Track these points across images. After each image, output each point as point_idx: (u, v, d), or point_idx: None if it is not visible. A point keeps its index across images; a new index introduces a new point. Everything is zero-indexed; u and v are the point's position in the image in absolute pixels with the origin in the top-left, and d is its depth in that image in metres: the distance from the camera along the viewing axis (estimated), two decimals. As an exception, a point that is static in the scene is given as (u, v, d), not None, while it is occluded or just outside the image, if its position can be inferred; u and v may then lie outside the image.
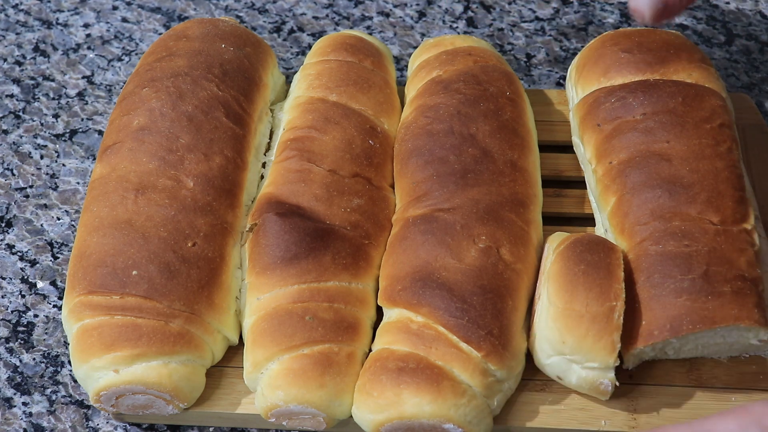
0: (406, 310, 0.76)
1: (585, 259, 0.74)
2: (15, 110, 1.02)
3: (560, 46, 1.07)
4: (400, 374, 0.73)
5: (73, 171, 0.97)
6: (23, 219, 0.93)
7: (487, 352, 0.73)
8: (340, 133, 0.85)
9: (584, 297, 0.73)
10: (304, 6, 1.12)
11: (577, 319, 0.72)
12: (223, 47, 0.90)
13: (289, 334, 0.75)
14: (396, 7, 1.12)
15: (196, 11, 1.11)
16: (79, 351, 0.76)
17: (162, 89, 0.85)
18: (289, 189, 0.82)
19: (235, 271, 0.81)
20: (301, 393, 0.74)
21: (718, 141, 0.81)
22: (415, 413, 0.72)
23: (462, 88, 0.87)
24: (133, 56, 1.07)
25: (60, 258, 0.90)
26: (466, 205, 0.79)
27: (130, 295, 0.76)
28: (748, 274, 0.75)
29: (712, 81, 0.87)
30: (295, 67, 1.06)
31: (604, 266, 0.74)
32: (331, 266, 0.78)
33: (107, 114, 1.01)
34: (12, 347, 0.84)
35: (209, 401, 0.79)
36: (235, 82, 0.88)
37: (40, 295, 0.88)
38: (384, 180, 0.86)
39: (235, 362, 0.80)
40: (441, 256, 0.77)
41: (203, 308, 0.77)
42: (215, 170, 0.82)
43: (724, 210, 0.77)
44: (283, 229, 0.79)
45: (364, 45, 0.94)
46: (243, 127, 0.86)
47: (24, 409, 0.81)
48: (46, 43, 1.08)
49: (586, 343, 0.72)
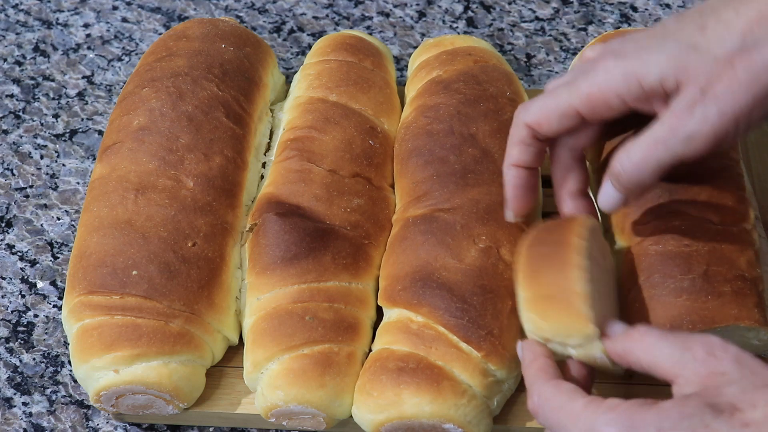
0: (406, 310, 0.76)
1: (544, 240, 0.72)
2: (15, 110, 1.02)
3: (560, 46, 1.07)
4: (400, 374, 0.73)
5: (73, 171, 0.97)
6: (23, 219, 0.93)
7: (488, 352, 0.73)
8: (340, 133, 0.85)
9: (547, 278, 0.69)
10: (304, 6, 1.12)
11: (546, 301, 0.69)
12: (223, 47, 0.90)
13: (289, 334, 0.75)
14: (396, 7, 1.12)
15: (196, 11, 1.11)
16: (79, 351, 0.76)
17: (162, 89, 0.85)
18: (289, 189, 0.82)
19: (235, 271, 0.81)
20: (301, 393, 0.74)
21: (718, 141, 0.81)
22: (415, 413, 0.72)
23: (462, 88, 0.87)
24: (133, 56, 1.07)
25: (60, 258, 0.90)
26: (467, 205, 0.79)
27: (130, 295, 0.76)
28: (748, 274, 0.75)
29: (712, 81, 0.87)
30: (295, 67, 1.06)
31: (562, 242, 0.70)
32: (331, 266, 0.78)
33: (107, 114, 1.01)
34: (12, 347, 0.84)
35: (209, 401, 0.79)
36: (235, 82, 0.88)
37: (40, 295, 0.88)
38: (384, 180, 0.86)
39: (235, 362, 0.80)
40: (441, 256, 0.77)
41: (203, 308, 0.77)
42: (215, 170, 0.82)
43: (724, 210, 0.77)
44: (283, 229, 0.79)
45: (364, 45, 0.94)
46: (243, 127, 0.86)
47: (24, 409, 0.81)
48: (46, 43, 1.08)
49: (560, 321, 0.68)
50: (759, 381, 0.57)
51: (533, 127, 0.71)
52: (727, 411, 0.56)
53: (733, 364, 0.58)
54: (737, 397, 0.56)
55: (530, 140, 0.72)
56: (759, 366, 0.58)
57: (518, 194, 0.74)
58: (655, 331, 0.63)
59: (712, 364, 0.59)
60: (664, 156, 0.65)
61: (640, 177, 0.67)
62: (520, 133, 0.72)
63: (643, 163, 0.66)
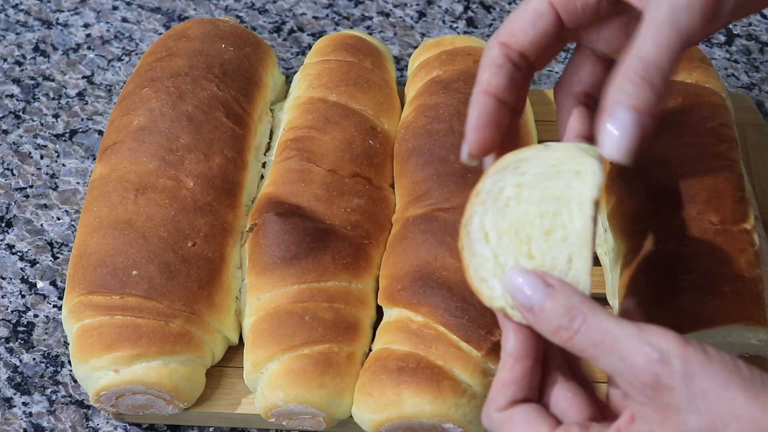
0: (406, 309, 0.76)
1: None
2: (15, 110, 1.02)
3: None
4: (400, 374, 0.73)
5: (73, 171, 0.97)
6: (23, 219, 0.93)
7: (488, 352, 0.73)
8: (340, 133, 0.85)
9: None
10: (304, 6, 1.12)
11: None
12: (223, 47, 0.90)
13: (289, 334, 0.75)
14: (396, 7, 1.12)
15: (196, 11, 1.11)
16: (79, 351, 0.76)
17: (162, 89, 0.85)
18: (289, 189, 0.82)
19: (235, 271, 0.81)
20: (301, 393, 0.74)
21: (718, 140, 0.81)
22: (415, 413, 0.72)
23: (462, 87, 0.87)
24: (133, 56, 1.07)
25: (60, 258, 0.90)
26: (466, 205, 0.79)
27: (130, 295, 0.76)
28: (748, 274, 0.75)
29: (712, 81, 0.87)
30: (295, 67, 1.06)
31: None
32: (331, 266, 0.78)
33: (107, 114, 1.01)
34: (12, 347, 0.84)
35: (209, 401, 0.79)
36: (235, 82, 0.88)
37: (40, 295, 0.88)
38: (384, 180, 0.86)
39: (235, 362, 0.80)
40: (441, 256, 0.77)
41: (203, 308, 0.77)
42: (215, 170, 0.82)
43: (724, 210, 0.77)
44: (283, 229, 0.79)
45: (364, 45, 0.94)
46: (243, 127, 0.86)
47: (24, 409, 0.81)
48: (46, 43, 1.08)
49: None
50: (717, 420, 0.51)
51: (507, 42, 0.62)
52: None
53: (686, 396, 0.51)
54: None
55: (503, 60, 0.62)
56: (711, 393, 0.51)
57: (480, 125, 0.62)
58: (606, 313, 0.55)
59: (663, 397, 0.52)
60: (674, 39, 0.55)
61: (661, 65, 0.55)
62: (491, 53, 0.62)
63: (659, 50, 0.55)
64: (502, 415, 0.58)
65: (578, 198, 0.58)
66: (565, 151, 0.59)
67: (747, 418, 0.51)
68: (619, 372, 0.53)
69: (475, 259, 0.60)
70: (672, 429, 0.52)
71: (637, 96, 0.55)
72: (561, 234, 0.58)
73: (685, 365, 0.51)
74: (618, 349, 0.53)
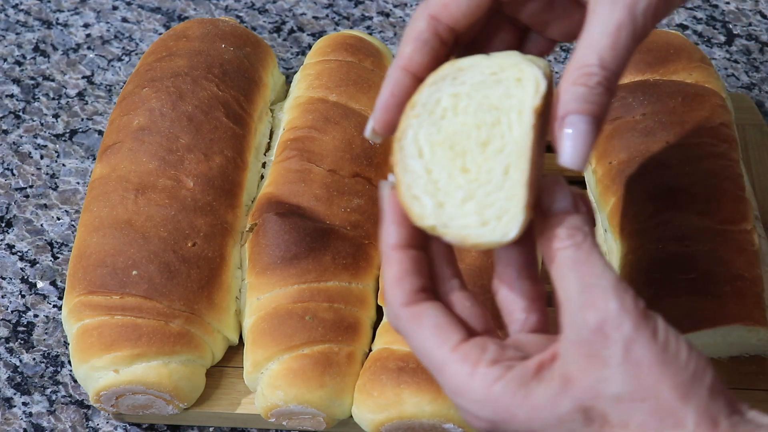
0: (406, 310, 0.76)
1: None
2: (15, 110, 1.02)
3: (560, 46, 1.07)
4: (400, 374, 0.73)
5: (73, 171, 0.97)
6: (23, 219, 0.93)
7: (487, 352, 0.73)
8: (340, 133, 0.85)
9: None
10: (304, 6, 1.12)
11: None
12: (223, 47, 0.90)
13: (289, 334, 0.75)
14: (396, 7, 1.12)
15: (196, 11, 1.11)
16: (79, 351, 0.76)
17: (162, 89, 0.85)
18: (289, 189, 0.82)
19: (235, 271, 0.81)
20: (301, 393, 0.74)
21: (718, 140, 0.81)
22: (415, 413, 0.72)
23: (462, 87, 0.87)
24: (133, 56, 1.07)
25: (60, 258, 0.90)
26: (466, 205, 0.79)
27: (130, 295, 0.76)
28: (748, 274, 0.75)
29: (712, 81, 0.87)
30: (295, 67, 1.06)
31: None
32: (331, 266, 0.78)
33: (107, 114, 1.01)
34: (12, 347, 0.84)
35: (209, 401, 0.79)
36: (235, 82, 0.88)
37: (40, 295, 0.88)
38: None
39: (235, 362, 0.80)
40: (441, 256, 0.76)
41: (203, 308, 0.77)
42: (215, 170, 0.82)
43: (724, 210, 0.77)
44: (283, 229, 0.79)
45: (364, 45, 0.94)
46: (243, 127, 0.86)
47: (24, 409, 0.81)
48: (46, 43, 1.08)
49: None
50: (638, 390, 0.50)
51: (437, 15, 0.57)
52: (597, 422, 0.50)
53: (620, 355, 0.50)
54: (611, 407, 0.50)
55: (429, 35, 0.57)
56: (645, 365, 0.50)
57: (392, 104, 0.57)
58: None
59: (597, 345, 0.50)
60: (631, 43, 0.54)
61: (619, 70, 0.54)
62: (418, 26, 0.57)
63: (617, 53, 0.54)
64: (410, 310, 0.55)
65: (518, 106, 0.54)
66: (507, 58, 0.55)
67: (666, 407, 0.50)
68: (573, 301, 0.51)
69: (408, 175, 0.55)
70: (592, 379, 0.50)
71: (597, 103, 0.53)
72: (498, 144, 0.54)
73: (635, 331, 0.50)
74: (590, 283, 0.51)
